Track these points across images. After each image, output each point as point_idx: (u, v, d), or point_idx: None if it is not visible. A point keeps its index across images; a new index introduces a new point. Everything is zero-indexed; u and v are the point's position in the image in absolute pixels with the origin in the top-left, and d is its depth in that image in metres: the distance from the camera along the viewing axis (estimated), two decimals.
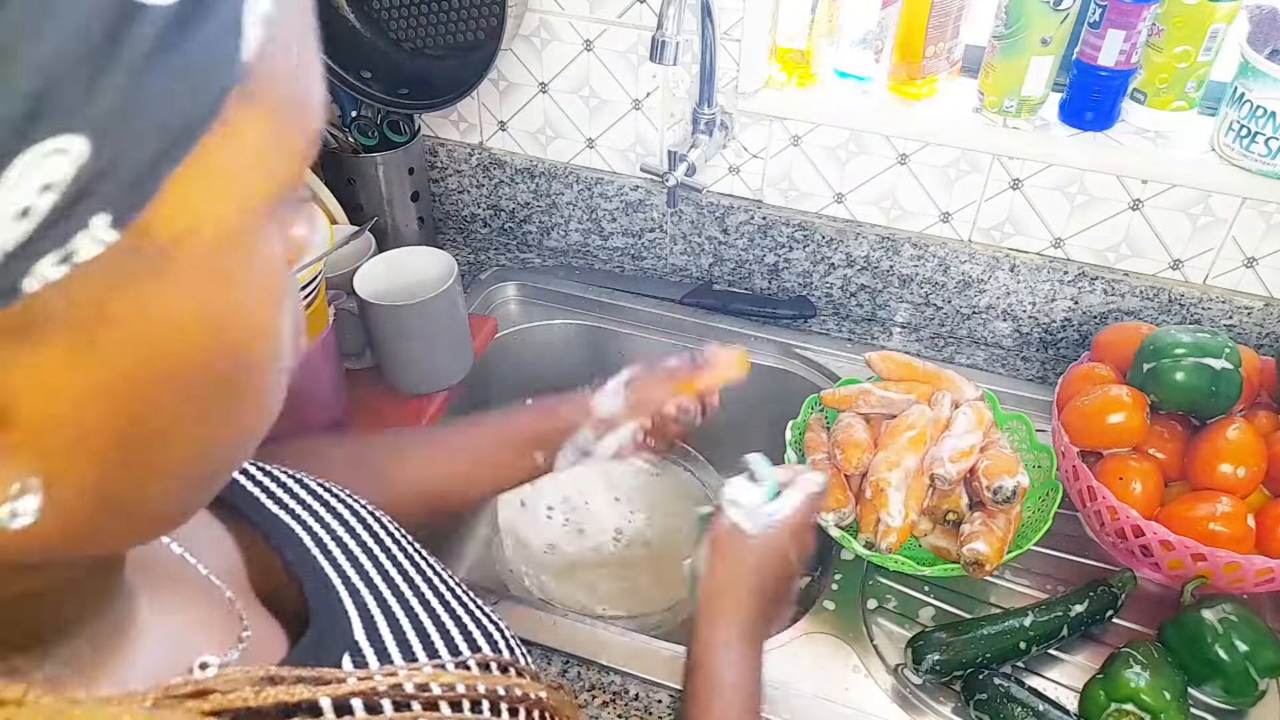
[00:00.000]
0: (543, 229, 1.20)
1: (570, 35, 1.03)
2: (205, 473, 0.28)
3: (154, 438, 0.25)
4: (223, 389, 0.26)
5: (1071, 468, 0.80)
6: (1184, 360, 0.79)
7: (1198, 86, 0.89)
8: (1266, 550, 0.74)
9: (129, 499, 0.26)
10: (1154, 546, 0.75)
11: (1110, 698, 0.68)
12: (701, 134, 1.00)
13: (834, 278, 1.08)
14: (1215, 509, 0.74)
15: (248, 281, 0.25)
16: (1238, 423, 0.78)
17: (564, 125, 1.11)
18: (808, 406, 0.93)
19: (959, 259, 1.02)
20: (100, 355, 0.22)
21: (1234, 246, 0.93)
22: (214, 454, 0.28)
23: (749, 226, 1.08)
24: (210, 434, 0.27)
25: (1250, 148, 0.86)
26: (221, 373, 0.25)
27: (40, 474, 0.23)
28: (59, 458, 0.23)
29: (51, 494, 0.23)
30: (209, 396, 0.26)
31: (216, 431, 0.27)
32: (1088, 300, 1.00)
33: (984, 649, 0.73)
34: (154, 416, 0.24)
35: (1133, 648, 0.70)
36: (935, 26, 0.93)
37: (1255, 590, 0.76)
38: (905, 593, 0.81)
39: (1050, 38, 0.88)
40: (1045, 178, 0.95)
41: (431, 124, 1.17)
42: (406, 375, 0.96)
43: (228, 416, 0.27)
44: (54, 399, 0.22)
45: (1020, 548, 0.78)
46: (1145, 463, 0.79)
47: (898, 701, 0.73)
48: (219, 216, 0.23)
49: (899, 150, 0.98)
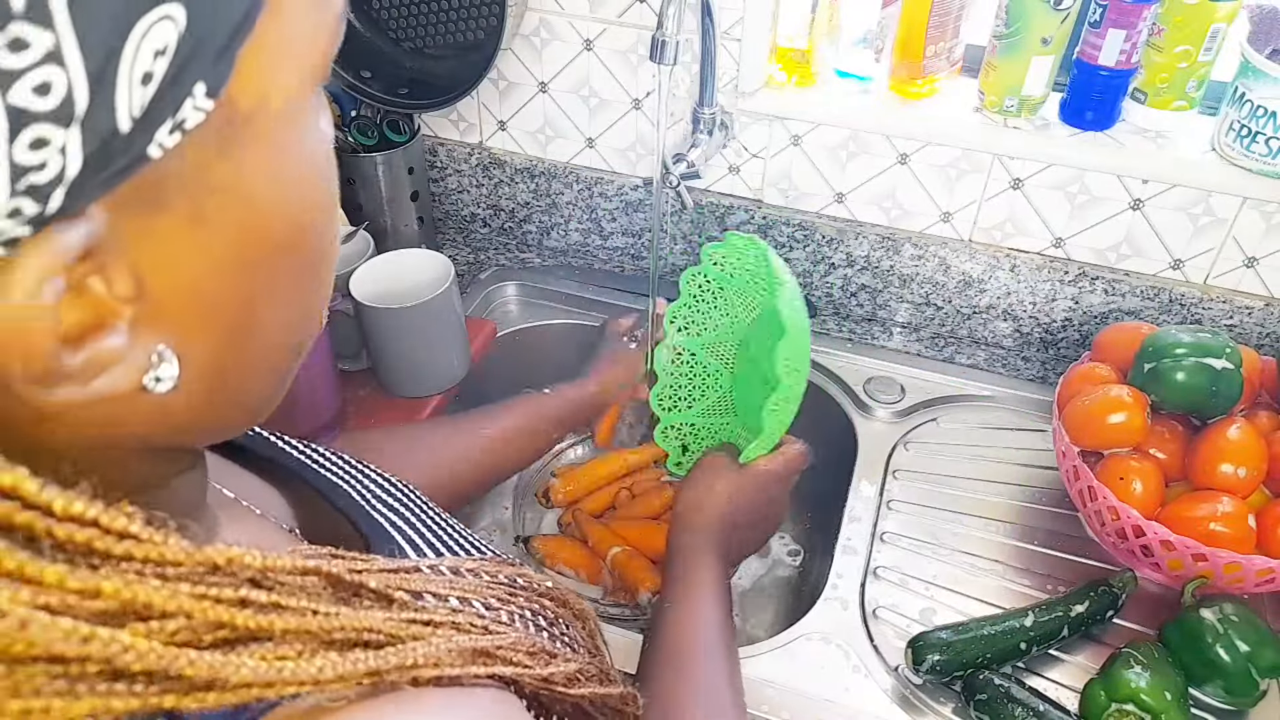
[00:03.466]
0: (543, 229, 1.20)
1: (570, 35, 1.03)
2: (290, 351, 0.32)
3: (260, 311, 0.29)
4: (301, 261, 0.30)
5: (1072, 468, 0.80)
6: (1185, 360, 0.78)
7: (1198, 86, 0.89)
8: (1267, 550, 0.73)
9: (238, 377, 0.30)
10: (1155, 547, 0.75)
11: (1110, 698, 0.67)
12: (701, 134, 1.00)
13: (834, 278, 1.08)
14: (1216, 509, 0.74)
15: (312, 152, 0.29)
16: (1238, 423, 0.78)
17: (564, 125, 1.10)
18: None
19: (959, 259, 1.02)
20: (210, 224, 0.26)
21: (1234, 246, 0.93)
22: (297, 331, 0.32)
23: (749, 226, 1.08)
24: (294, 307, 0.31)
25: (1251, 147, 0.86)
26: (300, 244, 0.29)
27: (174, 344, 0.26)
28: (188, 328, 0.27)
29: (184, 364, 0.27)
30: (293, 268, 0.30)
31: (298, 305, 0.31)
32: (1088, 300, 1.00)
33: (984, 649, 0.73)
34: (258, 288, 0.28)
35: (1133, 648, 0.70)
36: (935, 26, 0.93)
37: (1256, 591, 0.76)
38: (905, 592, 0.81)
39: (1051, 37, 0.88)
40: (1046, 177, 0.95)
41: (431, 124, 1.17)
42: (403, 378, 0.96)
43: (304, 290, 0.31)
44: (178, 269, 0.26)
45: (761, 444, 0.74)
46: (1146, 463, 0.79)
47: (898, 701, 0.73)
48: (282, 86, 0.26)
49: (899, 150, 0.98)
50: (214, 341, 0.28)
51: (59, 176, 0.21)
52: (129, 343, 0.25)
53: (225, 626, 0.24)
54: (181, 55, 0.22)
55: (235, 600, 0.25)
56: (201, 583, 0.24)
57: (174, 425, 0.29)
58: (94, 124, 0.21)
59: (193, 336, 0.27)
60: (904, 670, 0.74)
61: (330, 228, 0.31)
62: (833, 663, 0.75)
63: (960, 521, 0.87)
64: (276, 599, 0.26)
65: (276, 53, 0.26)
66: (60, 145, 0.21)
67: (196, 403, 0.28)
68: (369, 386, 0.98)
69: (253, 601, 0.25)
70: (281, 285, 0.29)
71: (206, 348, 0.28)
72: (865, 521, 0.87)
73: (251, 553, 0.26)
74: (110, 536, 0.23)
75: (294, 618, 0.26)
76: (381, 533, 0.43)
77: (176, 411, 0.28)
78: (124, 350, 0.25)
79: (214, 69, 0.24)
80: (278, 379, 0.33)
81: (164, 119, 0.23)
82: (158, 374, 0.26)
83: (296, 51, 0.27)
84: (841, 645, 0.77)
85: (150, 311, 0.25)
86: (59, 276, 0.23)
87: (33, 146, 0.20)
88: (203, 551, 0.25)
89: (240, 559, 0.25)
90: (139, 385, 0.26)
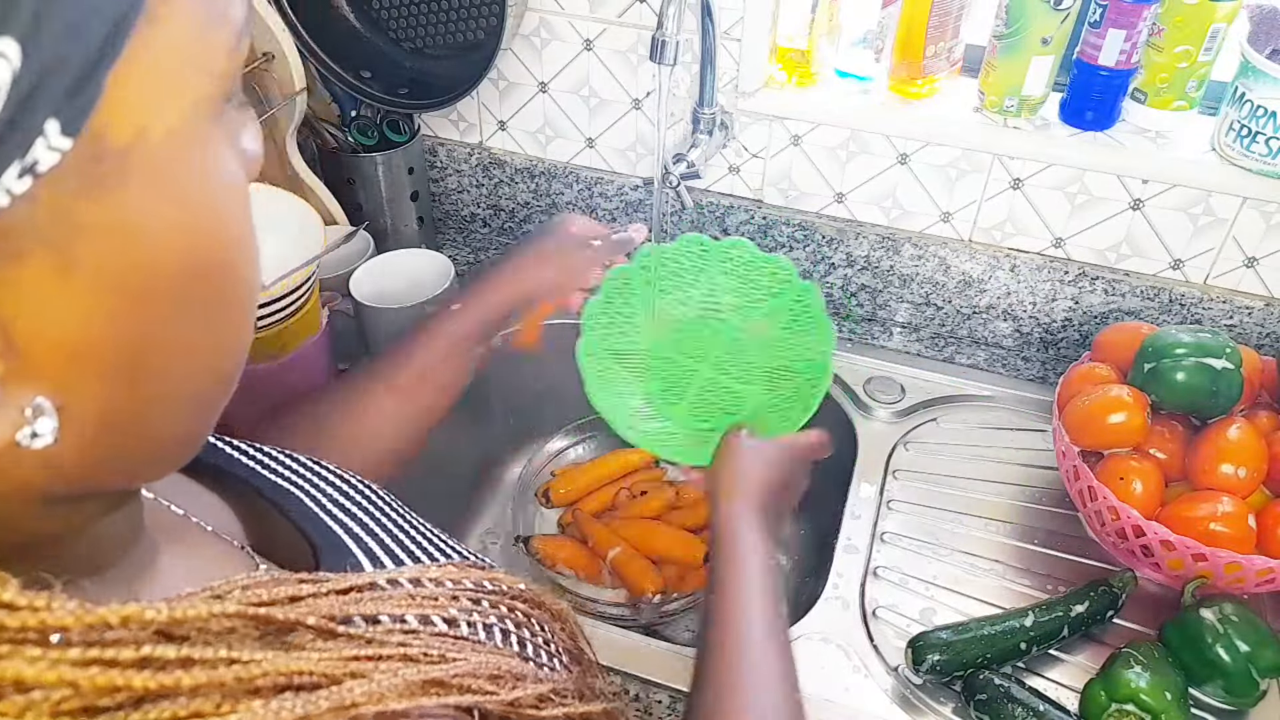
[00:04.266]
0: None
1: (570, 35, 1.03)
2: (203, 395, 0.30)
3: (151, 356, 0.26)
4: (205, 301, 0.27)
5: (1072, 468, 0.80)
6: (1185, 360, 0.79)
7: (1198, 86, 0.89)
8: (1267, 550, 0.73)
9: (138, 424, 0.27)
10: (1155, 546, 0.75)
11: (1111, 697, 0.67)
12: (701, 134, 1.00)
13: (834, 277, 1.08)
14: (1216, 509, 0.74)
15: (208, 187, 0.26)
16: (1238, 423, 0.78)
17: (564, 125, 1.10)
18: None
19: (959, 259, 1.02)
20: (83, 269, 0.23)
21: (1234, 246, 0.93)
22: (207, 374, 0.29)
23: (749, 226, 1.08)
24: (200, 350, 0.28)
25: (1251, 147, 0.86)
26: (201, 282, 0.26)
27: (51, 396, 0.24)
28: (65, 379, 0.24)
29: (65, 416, 0.25)
30: (194, 309, 0.27)
31: (205, 347, 0.28)
32: (1088, 300, 1.00)
33: (984, 649, 0.73)
34: (148, 333, 0.26)
35: (1133, 648, 0.70)
36: (935, 26, 0.93)
37: (1256, 590, 0.76)
38: (905, 592, 0.81)
39: (1051, 37, 0.88)
40: (1046, 177, 0.95)
41: (431, 124, 1.17)
42: None
43: (214, 331, 0.28)
44: (49, 319, 0.23)
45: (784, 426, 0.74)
46: (1146, 463, 0.79)
47: (898, 701, 0.73)
48: (164, 115, 0.24)
49: (899, 150, 0.98)
50: (100, 390, 0.25)
51: None
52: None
53: (120, 690, 0.23)
54: (20, 92, 0.20)
55: (133, 661, 0.23)
56: (95, 645, 0.23)
57: (69, 478, 0.26)
58: None
59: (72, 388, 0.25)
60: (904, 670, 0.74)
61: (244, 263, 0.28)
62: (833, 663, 0.75)
63: (960, 521, 0.87)
64: (187, 653, 0.24)
65: (154, 79, 0.23)
66: None
67: (90, 453, 0.26)
68: None
69: (155, 660, 0.24)
70: (180, 327, 0.27)
71: (91, 397, 0.25)
72: (865, 521, 0.87)
73: (155, 606, 0.24)
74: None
75: (204, 671, 0.24)
76: (337, 544, 0.42)
77: (67, 464, 0.26)
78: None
79: (69, 103, 0.21)
80: (197, 415, 0.30)
81: (8, 163, 0.20)
82: (34, 429, 0.24)
83: (182, 76, 0.24)
84: (841, 645, 0.77)
85: (19, 366, 0.23)
86: None
87: None
88: (94, 613, 0.23)
89: (139, 615, 0.24)
90: (12, 441, 0.24)
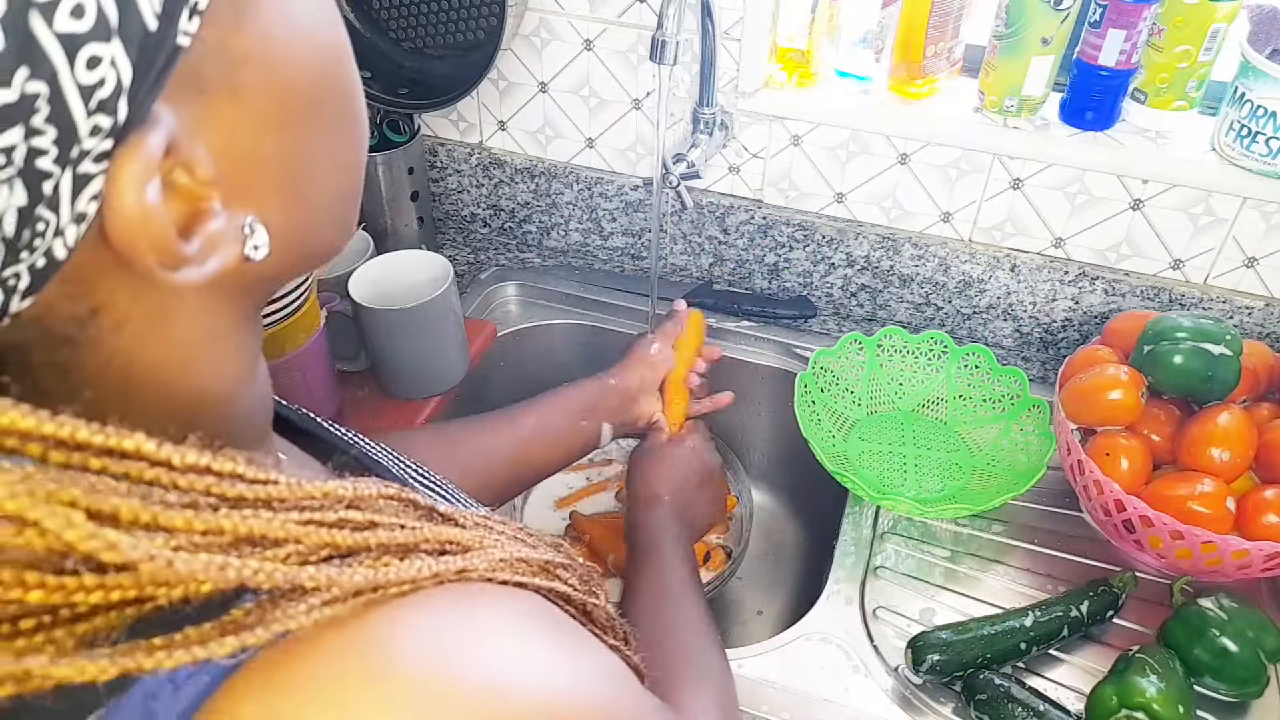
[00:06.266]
0: (543, 229, 1.20)
1: (570, 35, 1.03)
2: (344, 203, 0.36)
3: (307, 166, 0.32)
4: (339, 111, 0.33)
5: (1065, 442, 0.81)
6: (1183, 344, 0.79)
7: (1198, 86, 0.89)
8: (1244, 535, 0.74)
9: (302, 232, 0.33)
10: (1135, 522, 0.75)
11: (1122, 702, 0.67)
12: (701, 134, 0.99)
13: (834, 278, 1.08)
14: (1195, 489, 0.75)
15: (320, 8, 0.31)
16: (1230, 409, 0.79)
17: (564, 125, 1.10)
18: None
19: (959, 259, 1.02)
20: (246, 94, 0.28)
21: (1235, 246, 0.93)
22: (347, 183, 0.35)
23: (749, 226, 1.08)
24: (341, 162, 0.34)
25: (1251, 147, 0.86)
26: (332, 95, 0.32)
27: (253, 212, 0.30)
28: (259, 196, 0.30)
29: (269, 229, 0.30)
30: (331, 120, 0.33)
31: (344, 159, 0.34)
32: (1088, 300, 1.00)
33: (984, 649, 0.73)
34: (301, 144, 0.31)
35: (1146, 653, 0.70)
36: (935, 26, 0.93)
37: (1235, 576, 0.76)
38: (905, 592, 0.81)
39: (1051, 37, 0.88)
40: (1046, 177, 0.95)
41: (431, 124, 1.17)
42: (401, 379, 0.96)
43: (347, 139, 0.34)
44: (234, 143, 0.28)
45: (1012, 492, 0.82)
46: (1134, 440, 0.80)
47: (898, 702, 0.73)
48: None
49: (899, 150, 0.98)
50: (284, 203, 0.31)
51: (118, 87, 0.24)
52: (226, 222, 0.29)
53: (329, 546, 0.28)
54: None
55: (335, 523, 0.29)
56: (306, 510, 0.28)
57: (268, 290, 0.35)
58: (129, 31, 0.24)
59: (267, 203, 0.30)
60: (904, 670, 0.74)
61: (349, 68, 0.33)
62: (833, 663, 0.75)
63: (960, 521, 0.87)
64: (371, 518, 0.30)
65: None
66: (110, 58, 0.24)
67: (280, 261, 0.32)
68: (367, 387, 0.98)
69: (349, 522, 0.29)
70: (323, 136, 0.32)
71: (280, 211, 0.31)
72: (865, 521, 0.87)
73: (343, 485, 0.30)
74: (224, 481, 0.26)
75: (385, 533, 0.30)
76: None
77: (267, 274, 0.33)
78: (224, 229, 0.29)
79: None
80: (343, 225, 0.36)
81: (181, 7, 0.25)
82: (255, 243, 0.30)
83: None
84: (841, 645, 0.77)
85: (230, 190, 0.29)
86: (154, 177, 0.26)
87: (89, 66, 0.23)
88: (302, 487, 0.29)
89: (334, 492, 0.30)
90: (243, 257, 0.29)
